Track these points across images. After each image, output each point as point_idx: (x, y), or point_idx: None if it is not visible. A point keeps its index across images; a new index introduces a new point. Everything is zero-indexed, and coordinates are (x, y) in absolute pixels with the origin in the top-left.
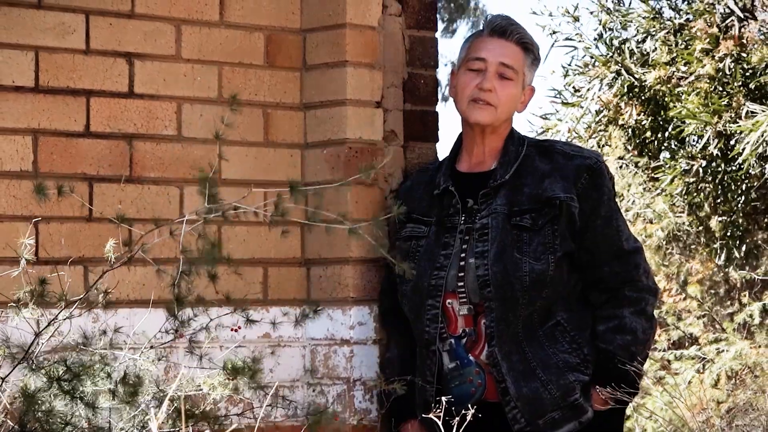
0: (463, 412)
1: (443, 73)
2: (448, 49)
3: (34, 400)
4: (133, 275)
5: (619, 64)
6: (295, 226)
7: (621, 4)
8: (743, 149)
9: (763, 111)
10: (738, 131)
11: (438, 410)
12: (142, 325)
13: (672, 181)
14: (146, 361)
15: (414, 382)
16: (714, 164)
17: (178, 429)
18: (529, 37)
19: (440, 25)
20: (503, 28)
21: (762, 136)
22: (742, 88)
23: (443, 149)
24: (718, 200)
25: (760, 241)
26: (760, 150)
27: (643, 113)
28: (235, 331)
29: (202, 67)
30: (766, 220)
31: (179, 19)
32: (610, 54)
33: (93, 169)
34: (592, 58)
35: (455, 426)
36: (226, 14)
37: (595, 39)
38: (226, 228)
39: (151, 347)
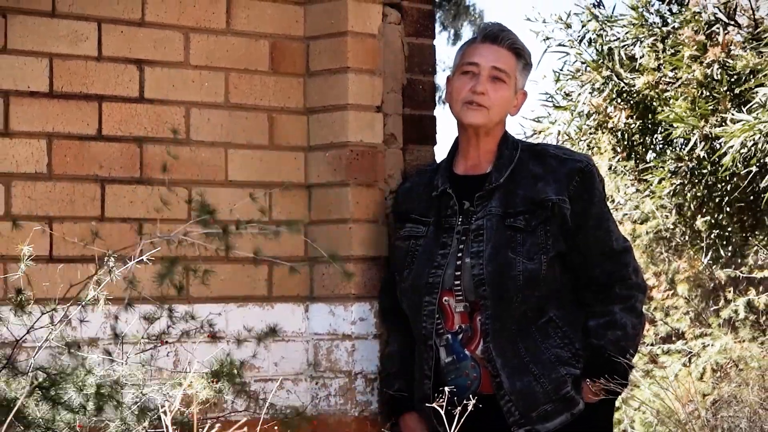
0: (465, 402)
1: (443, 78)
2: (453, 55)
3: (11, 406)
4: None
5: (609, 70)
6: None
7: (602, 8)
8: (725, 153)
9: (747, 119)
10: (722, 135)
11: (441, 399)
12: (126, 328)
13: (660, 182)
14: (130, 365)
15: (413, 376)
16: (700, 166)
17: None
18: (521, 43)
19: (445, 33)
20: (495, 35)
21: (744, 142)
22: (727, 93)
23: (441, 152)
24: (704, 201)
25: (741, 240)
26: (743, 152)
27: (631, 117)
28: (210, 337)
29: (210, 73)
30: (749, 221)
31: (188, 27)
32: (601, 60)
33: (105, 171)
34: (583, 63)
35: (456, 416)
36: (232, 23)
37: (579, 42)
38: (232, 228)
39: (146, 350)
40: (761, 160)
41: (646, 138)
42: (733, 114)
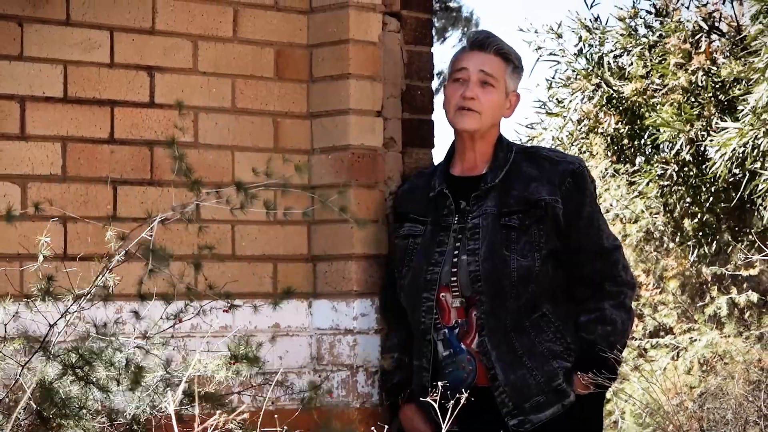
0: (458, 396)
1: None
2: (439, 56)
3: (50, 387)
4: (136, 270)
5: (599, 78)
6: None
7: (599, 21)
8: (714, 163)
9: (734, 127)
10: (712, 143)
11: (434, 393)
12: (146, 313)
13: (648, 184)
14: (153, 346)
15: (413, 370)
16: (686, 169)
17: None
18: (507, 47)
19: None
20: (481, 42)
21: (733, 153)
22: (712, 99)
23: (438, 155)
24: (689, 202)
25: (727, 241)
26: (732, 157)
27: (620, 122)
28: (226, 312)
29: (217, 80)
30: (732, 221)
31: (196, 35)
32: (591, 68)
33: (116, 173)
34: (574, 71)
35: (450, 409)
36: (239, 31)
37: (574, 54)
38: (239, 227)
39: (157, 333)
40: (749, 166)
41: (635, 142)
42: (718, 123)
